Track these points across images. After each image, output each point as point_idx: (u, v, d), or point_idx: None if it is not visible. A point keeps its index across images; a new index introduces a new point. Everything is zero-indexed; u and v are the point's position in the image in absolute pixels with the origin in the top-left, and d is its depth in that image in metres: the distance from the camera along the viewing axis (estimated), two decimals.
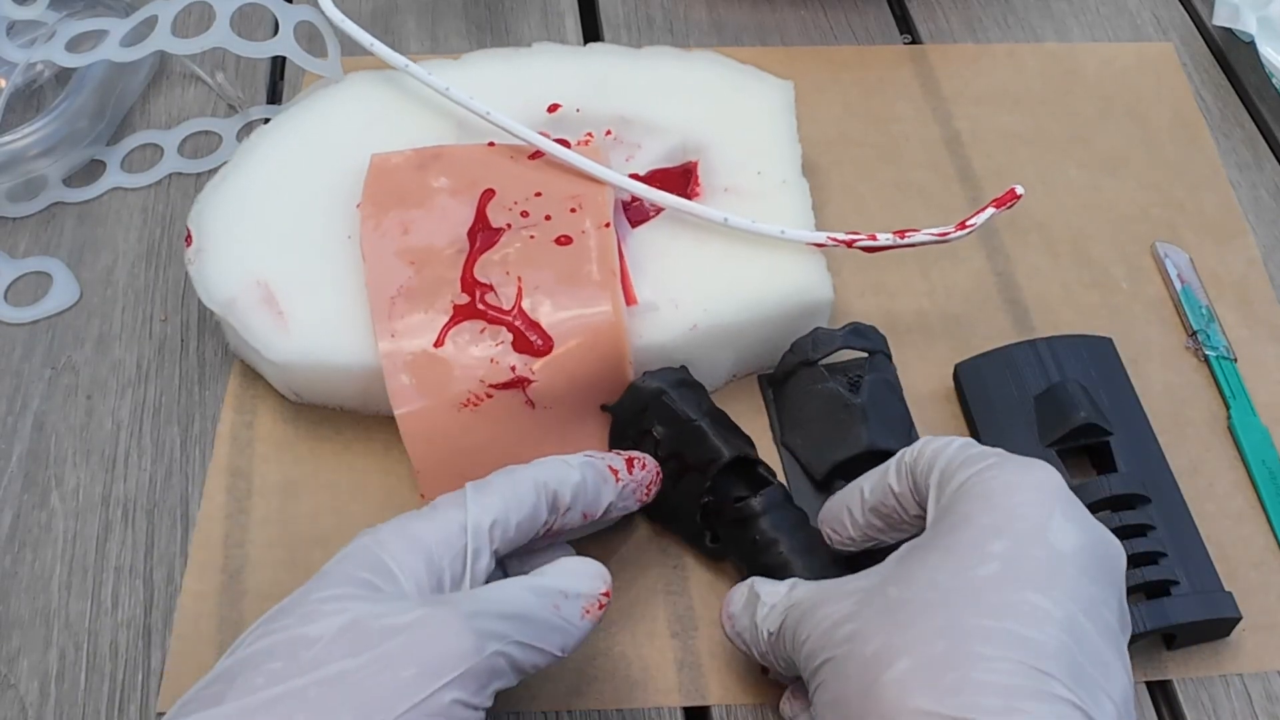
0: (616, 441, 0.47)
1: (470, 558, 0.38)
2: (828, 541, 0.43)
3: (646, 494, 0.44)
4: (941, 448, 0.39)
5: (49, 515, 0.48)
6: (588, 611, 0.38)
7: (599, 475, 0.42)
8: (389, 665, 0.33)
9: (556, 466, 0.41)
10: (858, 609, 0.36)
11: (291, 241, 0.51)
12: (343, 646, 0.34)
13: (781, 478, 0.49)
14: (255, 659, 0.34)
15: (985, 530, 0.35)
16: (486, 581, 0.39)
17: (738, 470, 0.46)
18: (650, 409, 0.46)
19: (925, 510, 0.39)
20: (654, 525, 0.48)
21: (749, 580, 0.42)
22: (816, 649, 0.37)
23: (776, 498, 0.44)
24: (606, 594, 0.39)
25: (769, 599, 0.40)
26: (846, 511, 0.42)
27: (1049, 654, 0.32)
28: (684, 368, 0.48)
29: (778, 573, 0.43)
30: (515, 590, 0.37)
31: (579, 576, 0.39)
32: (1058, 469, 0.38)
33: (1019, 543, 0.35)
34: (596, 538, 0.47)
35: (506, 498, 0.40)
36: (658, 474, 0.44)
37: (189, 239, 0.51)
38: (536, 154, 0.52)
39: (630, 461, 0.44)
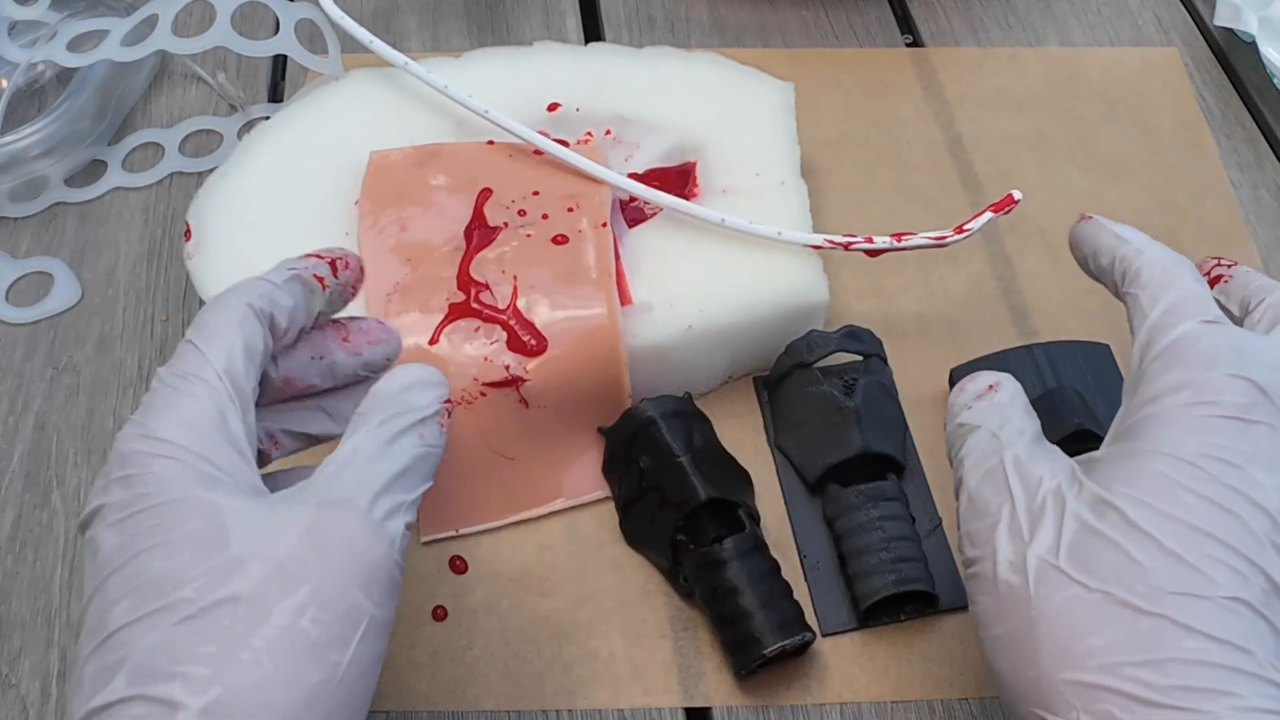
0: (610, 464, 0.48)
1: (243, 410, 0.35)
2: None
3: (352, 292, 0.40)
4: (1146, 302, 0.38)
5: (50, 515, 0.48)
6: (443, 424, 0.36)
7: (302, 285, 0.38)
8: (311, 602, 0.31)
9: (264, 289, 0.37)
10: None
11: (290, 237, 0.51)
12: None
13: (774, 480, 0.49)
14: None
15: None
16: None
17: (717, 510, 0.45)
18: (639, 438, 0.46)
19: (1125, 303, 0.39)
20: None
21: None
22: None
23: (747, 545, 0.44)
24: (448, 401, 0.36)
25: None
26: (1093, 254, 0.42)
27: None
28: (687, 396, 0.48)
29: (734, 623, 0.43)
30: (372, 446, 0.34)
31: (414, 391, 0.36)
32: None
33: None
34: (591, 534, 0.47)
35: (231, 336, 0.36)
36: (361, 270, 0.40)
37: (188, 234, 0.51)
38: (536, 153, 0.52)
39: (334, 264, 0.39)
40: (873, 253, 0.51)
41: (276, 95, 0.63)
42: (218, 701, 0.29)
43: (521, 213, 0.50)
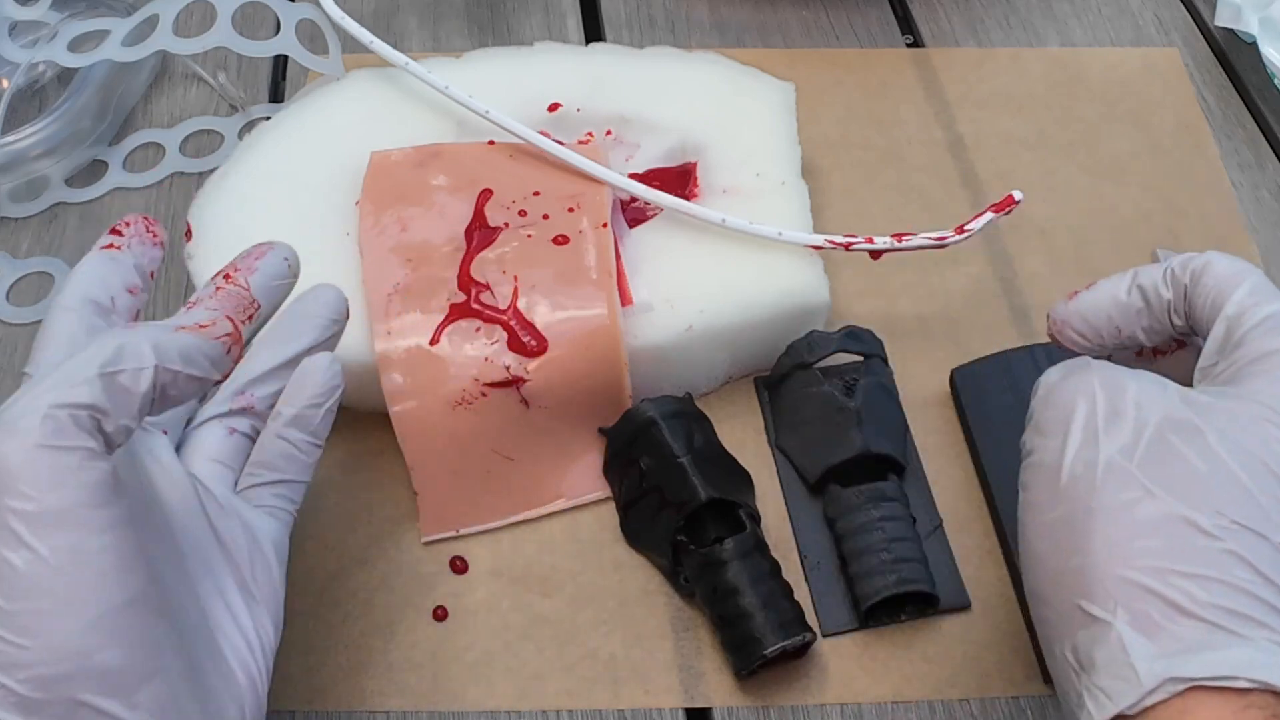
0: (610, 464, 0.48)
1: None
2: (1069, 346, 0.42)
3: (152, 234, 0.41)
4: (1228, 283, 0.38)
5: None
6: (184, 328, 0.35)
7: (105, 257, 0.39)
8: None
9: (67, 285, 0.38)
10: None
11: (290, 238, 0.50)
12: None
13: (775, 480, 0.49)
14: None
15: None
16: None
17: (718, 511, 0.45)
18: (639, 439, 0.46)
19: (1188, 324, 0.39)
20: None
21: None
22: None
23: (747, 545, 0.44)
24: (206, 325, 0.35)
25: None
26: (1108, 320, 0.41)
27: None
28: (687, 396, 0.48)
29: (735, 624, 0.43)
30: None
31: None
32: None
33: None
34: (592, 534, 0.47)
35: (42, 345, 0.37)
36: (144, 219, 0.41)
37: (188, 234, 0.51)
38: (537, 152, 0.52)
39: (116, 230, 0.40)
40: (874, 253, 0.51)
41: (277, 95, 0.63)
42: None
43: (522, 213, 0.50)
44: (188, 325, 0.35)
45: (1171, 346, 0.42)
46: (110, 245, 0.40)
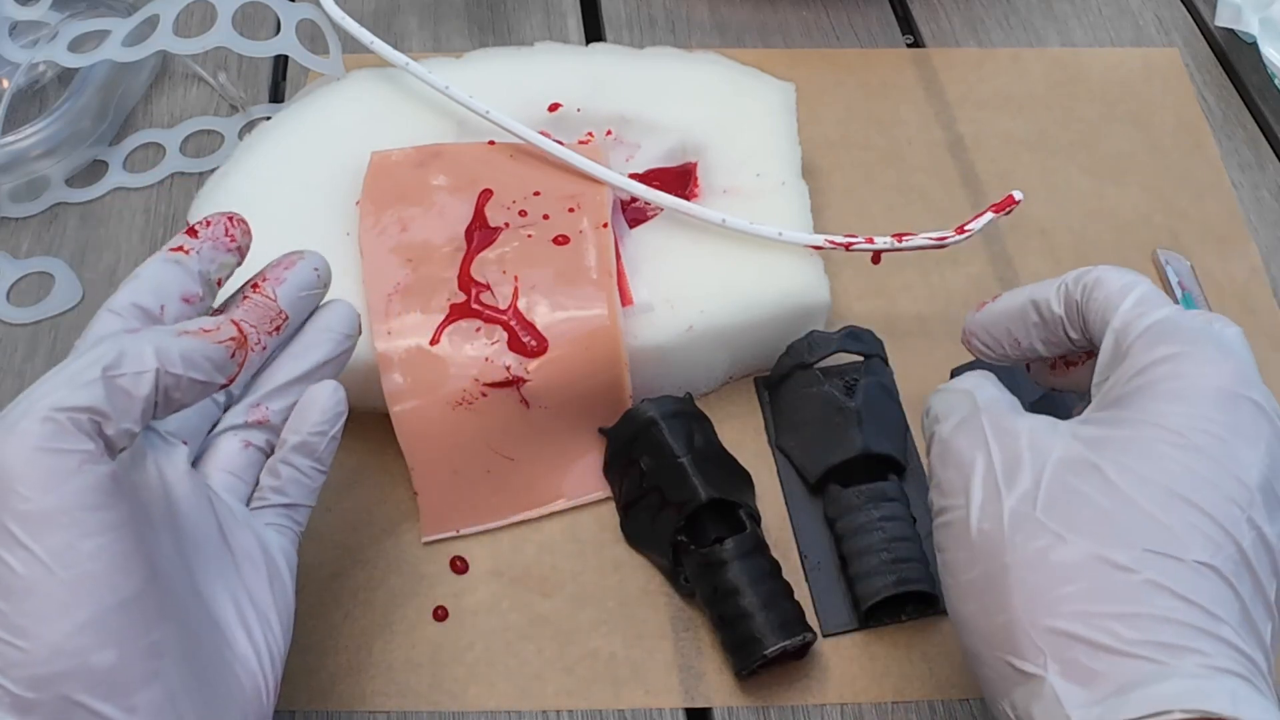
0: (610, 464, 0.48)
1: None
2: (978, 355, 0.43)
3: (230, 239, 0.39)
4: (1116, 296, 0.38)
5: None
6: (187, 331, 0.34)
7: (168, 262, 0.38)
8: None
9: (122, 288, 0.37)
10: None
11: (290, 237, 0.50)
12: None
13: (775, 480, 0.49)
14: None
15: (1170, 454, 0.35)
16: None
17: (718, 511, 0.45)
18: (639, 438, 0.46)
19: (1085, 339, 0.39)
20: None
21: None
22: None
23: (747, 545, 0.44)
24: (211, 330, 0.35)
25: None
26: (1007, 332, 0.42)
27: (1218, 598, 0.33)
28: (687, 396, 0.48)
29: (735, 624, 0.43)
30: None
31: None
32: None
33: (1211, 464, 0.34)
34: (592, 534, 0.47)
35: (83, 347, 0.36)
36: (230, 219, 0.40)
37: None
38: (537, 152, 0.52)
39: (192, 230, 0.39)
40: (874, 256, 0.51)
41: (277, 96, 0.63)
42: None
43: (522, 213, 0.50)
44: (192, 329, 0.35)
45: (1081, 357, 0.42)
46: (179, 248, 0.39)
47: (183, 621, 0.34)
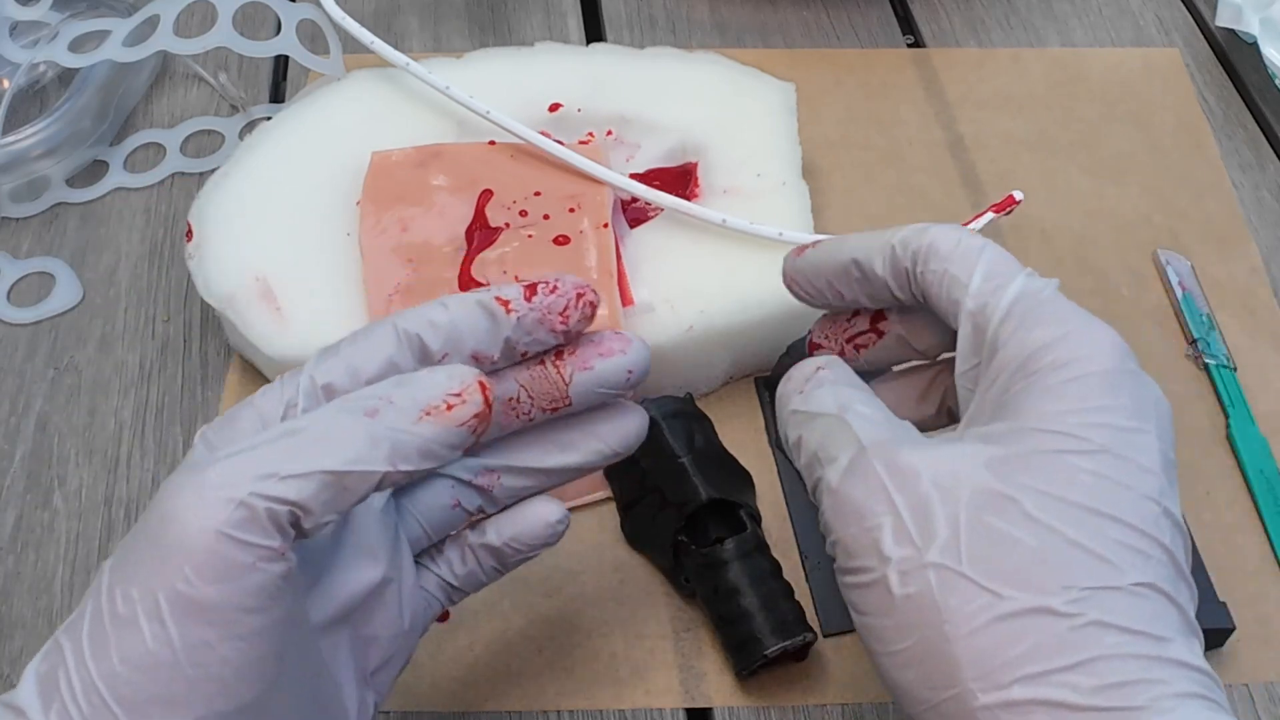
0: (611, 466, 0.47)
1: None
2: (800, 300, 0.39)
3: (563, 321, 0.35)
4: (959, 267, 0.35)
5: (51, 516, 0.48)
6: (429, 413, 0.31)
7: (480, 309, 0.34)
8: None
9: (422, 309, 0.34)
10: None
11: (291, 238, 0.51)
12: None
13: (775, 480, 0.49)
14: None
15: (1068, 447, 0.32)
16: None
17: (719, 511, 0.45)
18: None
19: (918, 300, 0.36)
20: None
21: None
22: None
23: (748, 546, 0.44)
24: (460, 394, 0.31)
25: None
26: (828, 284, 0.38)
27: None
28: (688, 396, 0.48)
29: (736, 624, 0.43)
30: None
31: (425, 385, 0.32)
32: None
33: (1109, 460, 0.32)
34: (593, 534, 0.47)
35: (350, 353, 0.33)
36: (579, 298, 0.35)
37: (189, 234, 0.51)
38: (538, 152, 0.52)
39: (532, 288, 0.35)
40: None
41: (278, 96, 0.63)
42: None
43: (523, 213, 0.50)
44: (436, 407, 0.31)
45: (876, 333, 0.39)
46: (505, 302, 0.34)
47: (295, 697, 0.32)
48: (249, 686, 0.29)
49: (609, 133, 0.55)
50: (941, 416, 0.40)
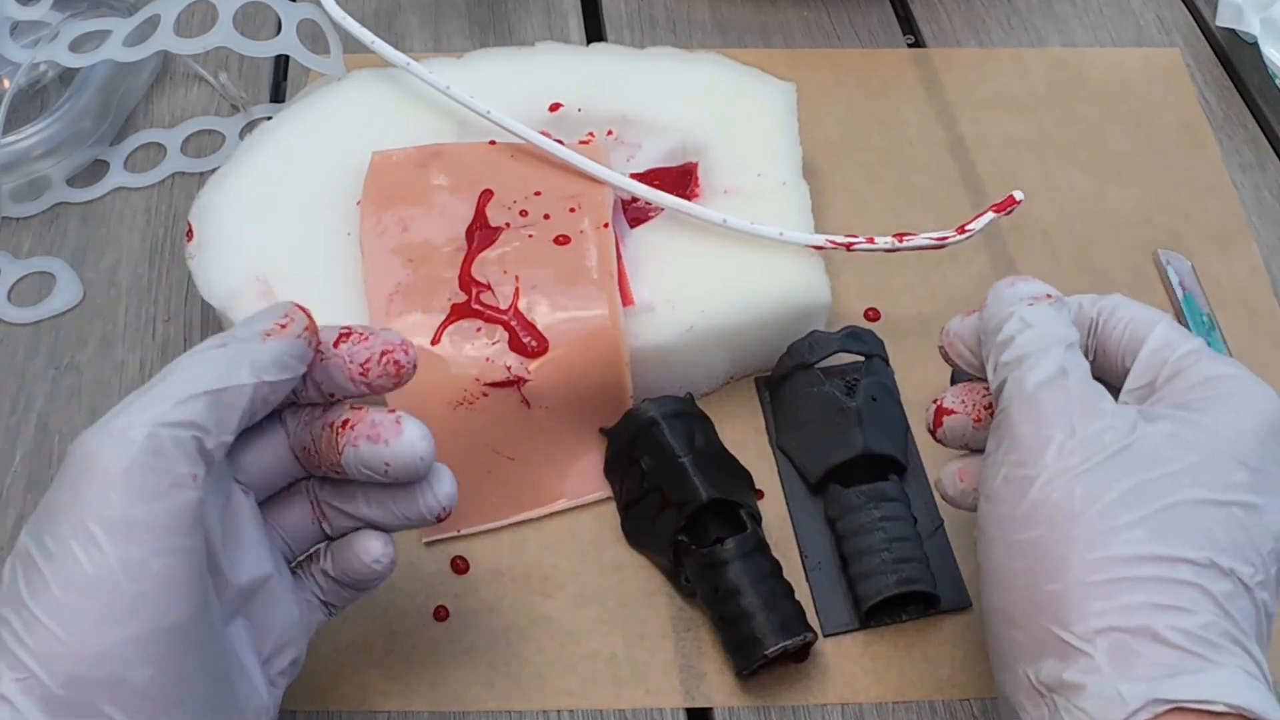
0: (611, 464, 0.48)
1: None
2: (955, 362, 0.42)
3: (362, 373, 0.37)
4: (1141, 323, 0.39)
5: None
6: (269, 334, 0.35)
7: (302, 341, 0.36)
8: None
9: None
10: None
11: (292, 238, 0.51)
12: None
13: (776, 481, 0.49)
14: None
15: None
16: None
17: (719, 511, 0.45)
18: (640, 438, 0.46)
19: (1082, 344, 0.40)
20: None
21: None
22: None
23: (748, 546, 0.44)
24: (286, 317, 0.36)
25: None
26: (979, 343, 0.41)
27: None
28: (688, 396, 0.48)
29: (736, 624, 0.43)
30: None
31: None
32: None
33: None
34: (593, 534, 0.47)
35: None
36: (383, 355, 0.37)
37: (190, 234, 0.51)
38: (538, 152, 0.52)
39: (346, 333, 0.37)
40: (871, 252, 0.51)
41: (278, 96, 0.63)
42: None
43: (523, 213, 0.50)
44: (271, 328, 0.36)
45: None
46: (315, 336, 0.37)
47: (214, 655, 0.34)
48: (181, 604, 0.32)
49: (609, 133, 0.55)
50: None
